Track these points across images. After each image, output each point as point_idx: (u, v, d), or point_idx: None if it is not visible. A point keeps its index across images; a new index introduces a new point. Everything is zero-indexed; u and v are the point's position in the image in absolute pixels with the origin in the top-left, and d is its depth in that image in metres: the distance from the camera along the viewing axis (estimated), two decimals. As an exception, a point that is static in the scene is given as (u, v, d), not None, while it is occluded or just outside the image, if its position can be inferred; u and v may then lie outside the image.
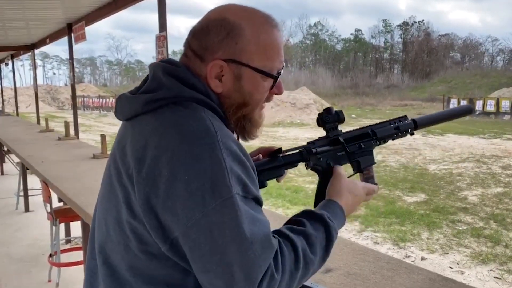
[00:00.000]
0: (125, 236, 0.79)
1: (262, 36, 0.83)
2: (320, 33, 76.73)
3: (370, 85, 53.18)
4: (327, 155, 1.00)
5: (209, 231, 0.70)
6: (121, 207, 0.79)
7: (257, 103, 0.88)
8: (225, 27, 0.82)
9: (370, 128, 1.07)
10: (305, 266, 0.79)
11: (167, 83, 0.81)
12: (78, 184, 2.85)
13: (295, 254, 0.77)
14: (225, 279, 0.70)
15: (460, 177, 8.49)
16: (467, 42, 64.13)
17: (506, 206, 6.41)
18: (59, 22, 7.02)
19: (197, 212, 0.70)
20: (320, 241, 0.82)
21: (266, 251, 0.72)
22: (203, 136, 0.74)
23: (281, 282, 0.74)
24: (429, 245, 4.87)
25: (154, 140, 0.76)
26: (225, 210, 0.70)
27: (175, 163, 0.72)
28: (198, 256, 0.71)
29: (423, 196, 7.04)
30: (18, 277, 3.65)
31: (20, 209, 5.55)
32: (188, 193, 0.70)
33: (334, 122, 1.00)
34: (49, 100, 38.95)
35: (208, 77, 0.83)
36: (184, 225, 0.70)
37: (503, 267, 4.26)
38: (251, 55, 0.83)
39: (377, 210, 6.20)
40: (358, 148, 1.03)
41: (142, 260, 0.78)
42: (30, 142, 5.18)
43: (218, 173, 0.71)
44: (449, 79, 47.20)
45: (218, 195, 0.70)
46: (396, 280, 1.44)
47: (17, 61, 16.26)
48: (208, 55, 0.83)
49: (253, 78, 0.84)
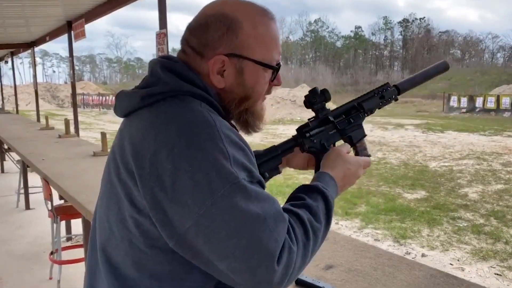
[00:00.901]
0: (129, 232, 0.79)
1: (261, 28, 0.84)
2: (320, 30, 76.67)
3: (370, 82, 53.14)
4: (320, 136, 1.01)
5: (221, 216, 0.70)
6: (122, 203, 0.79)
7: (259, 95, 0.89)
8: (224, 22, 0.82)
9: (356, 101, 1.08)
10: (314, 235, 0.80)
11: (164, 78, 0.82)
12: (79, 181, 2.85)
13: (303, 226, 0.79)
14: (245, 260, 0.70)
15: (460, 174, 8.49)
16: (468, 39, 64.08)
17: (507, 203, 6.41)
18: (58, 19, 7.01)
19: (207, 200, 0.70)
20: (321, 209, 0.84)
21: (280, 225, 0.73)
22: (202, 127, 0.74)
23: (298, 253, 0.75)
24: (429, 242, 4.87)
25: (151, 134, 0.76)
26: (234, 194, 0.71)
27: (177, 155, 0.72)
28: (214, 243, 0.71)
29: (424, 193, 7.05)
30: (19, 274, 3.66)
31: (20, 207, 5.55)
32: (194, 183, 0.71)
33: (321, 102, 1.02)
34: (48, 98, 38.95)
35: (210, 73, 0.83)
36: (196, 213, 0.70)
37: (504, 264, 4.26)
38: (252, 48, 0.83)
39: (378, 207, 6.20)
40: (348, 124, 1.05)
41: (148, 255, 0.78)
42: (30, 140, 5.18)
43: (222, 161, 0.72)
44: (450, 76, 47.09)
45: (225, 181, 0.71)
46: (397, 276, 1.44)
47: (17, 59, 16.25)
48: (209, 51, 0.83)
49: (255, 71, 0.85)
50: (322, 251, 1.65)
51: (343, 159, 0.98)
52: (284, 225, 0.74)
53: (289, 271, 0.73)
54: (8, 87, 26.30)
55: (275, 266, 0.71)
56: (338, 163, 0.96)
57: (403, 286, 1.38)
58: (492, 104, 24.22)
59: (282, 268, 0.72)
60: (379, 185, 7.66)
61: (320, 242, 0.82)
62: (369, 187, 7.52)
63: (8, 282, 3.51)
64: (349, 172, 0.97)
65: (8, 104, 22.04)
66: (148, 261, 0.78)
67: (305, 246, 0.77)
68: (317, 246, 0.81)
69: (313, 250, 0.80)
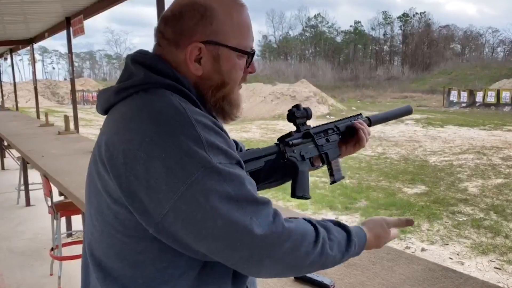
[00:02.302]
0: (108, 224, 0.80)
1: (235, 15, 0.85)
2: (319, 25, 76.45)
3: (370, 77, 53.07)
4: (300, 147, 1.07)
5: (196, 200, 0.71)
6: (101, 196, 0.81)
7: (234, 82, 0.90)
8: (198, 10, 0.83)
9: (333, 124, 1.18)
10: (321, 252, 0.81)
11: (135, 71, 0.83)
12: (79, 178, 2.85)
13: (316, 235, 0.81)
14: (222, 238, 0.72)
15: (460, 169, 8.50)
16: (468, 33, 63.92)
17: (506, 197, 6.42)
18: (57, 15, 6.99)
19: (181, 185, 0.71)
20: (339, 241, 0.86)
21: (255, 205, 0.75)
22: (172, 114, 0.75)
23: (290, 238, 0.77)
24: (429, 236, 4.88)
25: (123, 126, 0.78)
26: (208, 178, 0.72)
27: (149, 143, 0.73)
28: (192, 227, 0.72)
29: (424, 188, 7.06)
30: (20, 271, 3.67)
31: (21, 203, 5.56)
32: (168, 170, 0.72)
33: (303, 117, 1.09)
34: (48, 95, 38.91)
35: (188, 61, 0.84)
36: (172, 199, 0.72)
37: (503, 258, 4.27)
38: (227, 35, 0.84)
39: (378, 202, 6.21)
40: (326, 141, 1.13)
41: (128, 245, 0.79)
42: (30, 137, 5.18)
43: (194, 146, 0.73)
44: (450, 70, 47.06)
45: (198, 166, 0.72)
46: (396, 270, 1.45)
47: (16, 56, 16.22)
48: (185, 39, 0.84)
49: (230, 57, 0.86)
50: (321, 246, 1.66)
51: (382, 226, 1.02)
52: (259, 206, 0.76)
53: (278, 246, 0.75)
54: (8, 84, 26.28)
55: (255, 237, 0.73)
56: (377, 226, 1.01)
57: (402, 280, 1.38)
58: (492, 98, 24.18)
59: (268, 241, 0.74)
60: (379, 180, 7.67)
61: (321, 264, 0.83)
62: (369, 182, 7.53)
63: (9, 278, 3.52)
64: (381, 237, 1.01)
65: (8, 101, 22.03)
66: (129, 251, 0.79)
67: (324, 249, 0.81)
68: (316, 264, 0.82)
69: (312, 263, 0.81)
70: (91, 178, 0.85)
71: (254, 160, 0.98)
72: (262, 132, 15.48)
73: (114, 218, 0.79)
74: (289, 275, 0.87)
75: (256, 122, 19.45)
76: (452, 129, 15.08)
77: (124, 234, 0.79)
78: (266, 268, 0.76)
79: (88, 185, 0.88)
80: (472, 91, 26.00)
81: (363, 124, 1.19)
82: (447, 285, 1.34)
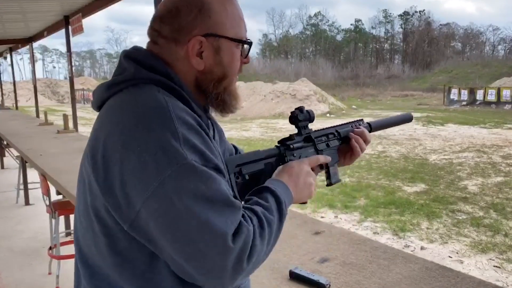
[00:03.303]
0: (91, 221, 0.80)
1: (229, 7, 0.86)
2: (320, 24, 76.33)
3: (370, 75, 52.98)
4: (300, 151, 1.05)
5: (168, 198, 0.69)
6: (86, 193, 0.81)
7: (234, 73, 0.90)
8: (195, 4, 0.83)
9: (334, 128, 1.15)
10: (269, 226, 0.80)
11: (126, 66, 0.84)
12: (77, 176, 2.84)
13: (257, 216, 0.79)
14: (195, 242, 0.70)
15: (460, 167, 8.48)
16: (468, 31, 63.79)
17: (506, 196, 6.41)
18: (56, 14, 6.98)
19: (153, 181, 0.70)
20: (272, 204, 0.84)
21: (230, 209, 0.73)
22: (153, 107, 0.75)
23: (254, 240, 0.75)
24: (428, 234, 4.87)
25: (107, 119, 0.79)
26: (182, 176, 0.70)
27: (126, 136, 0.73)
28: (164, 227, 0.70)
29: (423, 186, 7.05)
30: (19, 270, 3.67)
31: (20, 202, 5.56)
32: (142, 164, 0.71)
33: (306, 120, 1.07)
34: (49, 94, 38.90)
35: (190, 56, 0.84)
36: (144, 196, 0.70)
37: (503, 256, 4.26)
38: (224, 26, 0.85)
39: (377, 201, 6.20)
40: (326, 146, 1.11)
41: (108, 244, 0.78)
42: (29, 136, 5.18)
43: (171, 141, 0.72)
44: (450, 69, 46.98)
45: (173, 162, 0.70)
46: (393, 269, 1.44)
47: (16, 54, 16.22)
48: (184, 35, 0.83)
49: (230, 48, 0.87)
50: (317, 244, 1.65)
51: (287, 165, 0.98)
52: (235, 210, 0.74)
53: (245, 254, 0.73)
54: (8, 83, 26.25)
55: (229, 243, 0.70)
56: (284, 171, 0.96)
57: (398, 279, 1.38)
58: (492, 96, 24.14)
59: (238, 248, 0.71)
60: (378, 178, 7.66)
61: (275, 234, 0.82)
62: (369, 180, 7.52)
63: (7, 277, 3.52)
64: (293, 170, 0.96)
65: (8, 100, 22.00)
66: (109, 251, 0.78)
67: (262, 235, 0.77)
68: (272, 239, 0.81)
69: (269, 241, 0.79)
70: (80, 175, 0.85)
71: (254, 162, 0.97)
72: (262, 131, 15.46)
73: (95, 215, 0.78)
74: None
75: (256, 120, 19.42)
76: (452, 128, 15.06)
77: (103, 233, 0.78)
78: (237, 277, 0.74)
79: (78, 182, 0.88)
80: (473, 89, 25.95)
81: (361, 133, 1.14)
82: (444, 284, 1.33)
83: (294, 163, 0.97)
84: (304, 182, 0.95)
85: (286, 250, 1.61)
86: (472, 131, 13.93)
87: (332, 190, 6.85)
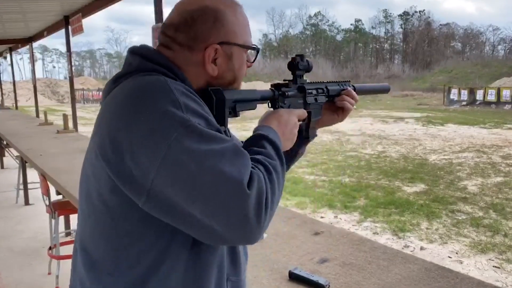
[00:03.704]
0: (95, 207, 0.82)
1: (239, 16, 0.92)
2: (320, 24, 76.33)
3: (370, 75, 52.98)
4: (291, 100, 1.06)
5: (180, 159, 0.71)
6: (89, 178, 0.83)
7: (242, 77, 0.96)
8: (210, 14, 0.88)
9: (324, 84, 1.17)
10: (275, 170, 0.81)
11: (131, 61, 0.88)
12: (77, 176, 2.82)
13: (261, 164, 0.81)
14: (214, 195, 0.71)
15: (460, 167, 8.48)
16: (468, 31, 63.78)
17: (506, 196, 6.41)
18: (56, 14, 6.98)
19: (162, 147, 0.72)
20: (270, 149, 0.86)
21: (240, 158, 0.75)
22: (151, 82, 0.79)
23: (266, 184, 0.76)
24: (428, 235, 4.88)
25: (112, 102, 0.81)
26: (188, 136, 0.73)
27: (129, 110, 0.76)
28: (181, 187, 0.71)
29: (423, 186, 7.05)
30: (19, 270, 3.67)
31: (20, 202, 5.56)
32: (148, 133, 0.73)
33: (303, 70, 1.09)
34: (49, 94, 38.89)
35: (206, 63, 0.88)
36: (156, 162, 0.72)
37: (502, 256, 4.27)
38: (236, 34, 0.90)
39: (377, 201, 6.21)
40: (314, 101, 1.12)
41: (113, 227, 0.80)
42: (29, 136, 5.18)
43: (172, 109, 0.74)
44: (450, 69, 46.98)
45: (177, 125, 0.73)
46: (392, 270, 1.44)
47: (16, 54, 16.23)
48: (199, 43, 0.87)
49: (240, 54, 0.93)
50: (316, 245, 1.66)
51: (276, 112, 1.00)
52: (245, 158, 0.76)
53: (263, 199, 0.74)
54: (8, 83, 26.23)
55: (246, 190, 0.72)
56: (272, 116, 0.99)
57: (398, 279, 1.38)
58: (492, 97, 24.15)
59: (255, 194, 0.73)
60: (378, 178, 7.66)
61: (282, 179, 0.84)
62: (369, 180, 7.53)
63: (7, 277, 3.52)
64: (282, 119, 0.98)
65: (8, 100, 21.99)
66: (113, 234, 0.80)
67: (271, 180, 0.79)
68: (280, 184, 0.83)
69: (278, 186, 0.81)
70: (84, 166, 0.88)
71: (249, 102, 0.98)
72: (262, 131, 15.46)
73: (99, 200, 0.80)
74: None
75: (256, 120, 19.38)
76: (452, 128, 15.06)
77: (108, 216, 0.80)
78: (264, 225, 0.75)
79: (81, 175, 0.89)
80: (473, 90, 25.96)
81: (349, 93, 1.18)
82: (443, 285, 1.33)
83: (284, 111, 1.00)
84: (290, 133, 0.98)
85: (286, 250, 1.61)
86: (472, 131, 13.94)
87: (332, 190, 6.85)
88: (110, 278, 0.80)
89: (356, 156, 9.96)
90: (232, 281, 0.90)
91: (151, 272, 0.79)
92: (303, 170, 8.21)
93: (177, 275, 0.80)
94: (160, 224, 0.77)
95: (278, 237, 1.74)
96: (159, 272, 0.79)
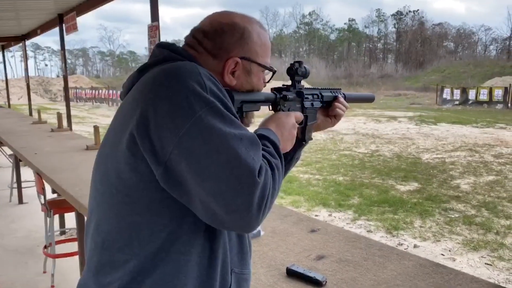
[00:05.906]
0: (111, 184, 0.84)
1: (263, 38, 1.00)
2: (314, 23, 76.44)
3: (364, 75, 53.15)
4: (290, 104, 1.12)
5: (201, 135, 0.75)
6: (107, 158, 0.87)
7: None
8: (238, 30, 0.96)
9: (318, 90, 1.23)
10: (276, 166, 0.85)
11: (158, 53, 0.93)
12: (72, 175, 2.85)
13: (265, 158, 0.84)
14: (226, 177, 0.74)
15: (452, 166, 8.56)
16: (461, 31, 64.20)
17: (498, 194, 6.49)
18: (50, 12, 6.94)
19: (186, 122, 0.76)
20: (272, 149, 0.89)
21: (255, 147, 0.79)
22: (184, 65, 0.84)
23: (271, 177, 0.80)
24: (421, 233, 4.92)
25: (143, 82, 0.87)
26: (212, 116, 0.77)
27: (158, 86, 0.81)
28: (196, 163, 0.75)
29: (416, 185, 7.11)
30: (13, 268, 3.66)
31: (13, 201, 5.53)
32: (174, 107, 0.77)
33: (302, 76, 1.15)
34: (41, 92, 38.58)
35: (224, 72, 0.95)
36: (177, 135, 0.75)
37: (494, 254, 4.32)
38: (257, 54, 0.98)
39: (371, 199, 6.25)
40: (310, 105, 1.18)
41: (128, 204, 0.82)
42: (22, 134, 5.15)
43: (199, 89, 0.79)
44: (443, 68, 47.27)
45: (203, 104, 0.77)
46: (388, 266, 1.47)
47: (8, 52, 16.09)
48: (223, 53, 0.95)
49: (258, 72, 1.00)
50: (313, 242, 1.68)
51: (275, 115, 1.06)
52: (259, 148, 0.81)
53: (266, 192, 0.77)
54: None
55: (257, 178, 0.75)
56: (271, 119, 1.04)
57: (393, 275, 1.40)
58: (484, 96, 24.35)
59: (262, 185, 0.76)
60: (372, 177, 7.71)
61: (281, 176, 0.88)
62: (362, 179, 7.57)
63: (2, 276, 3.51)
64: (280, 121, 1.03)
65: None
66: (127, 212, 0.82)
67: (273, 176, 0.82)
68: (280, 181, 0.86)
69: (279, 183, 0.85)
70: (100, 151, 0.93)
71: (254, 103, 1.02)
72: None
73: (117, 177, 0.83)
74: None
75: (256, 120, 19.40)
76: (445, 127, 15.18)
77: (124, 194, 0.82)
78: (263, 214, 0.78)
79: (98, 157, 0.93)
80: (465, 89, 26.16)
81: (342, 102, 1.25)
82: (437, 281, 1.36)
83: (282, 114, 1.04)
84: (288, 134, 1.02)
85: (283, 247, 1.63)
86: (464, 131, 14.05)
87: (326, 188, 6.88)
88: (121, 255, 0.82)
89: (350, 155, 10.01)
90: (236, 272, 0.92)
91: (161, 253, 0.81)
92: (298, 169, 8.24)
93: (186, 259, 0.82)
94: (175, 206, 0.80)
95: (275, 234, 1.76)
96: (169, 254, 0.81)
